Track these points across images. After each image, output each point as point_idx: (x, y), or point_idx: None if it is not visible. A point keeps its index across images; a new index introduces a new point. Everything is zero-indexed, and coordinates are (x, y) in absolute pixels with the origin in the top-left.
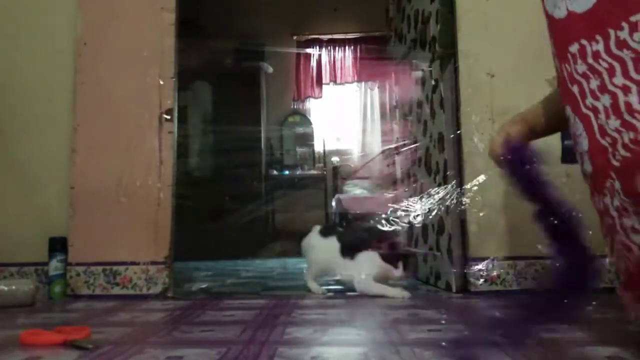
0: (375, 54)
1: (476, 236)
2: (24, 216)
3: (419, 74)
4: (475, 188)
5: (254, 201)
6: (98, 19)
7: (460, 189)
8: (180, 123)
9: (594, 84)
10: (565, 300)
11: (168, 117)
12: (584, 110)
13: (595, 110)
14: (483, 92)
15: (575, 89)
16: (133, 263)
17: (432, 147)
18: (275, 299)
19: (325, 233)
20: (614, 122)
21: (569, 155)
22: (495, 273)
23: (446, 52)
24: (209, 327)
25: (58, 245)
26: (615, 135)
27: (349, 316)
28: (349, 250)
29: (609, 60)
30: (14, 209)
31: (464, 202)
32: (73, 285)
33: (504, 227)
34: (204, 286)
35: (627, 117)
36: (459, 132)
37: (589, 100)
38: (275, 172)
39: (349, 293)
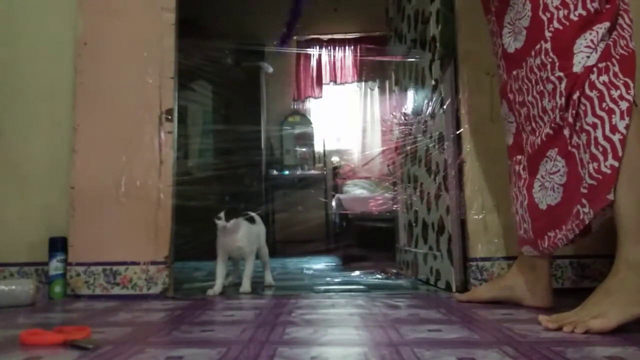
0: (375, 54)
1: (476, 236)
2: (24, 216)
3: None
4: (475, 188)
5: (254, 201)
6: (98, 19)
7: (460, 189)
8: (180, 123)
9: None
10: None
11: (168, 117)
12: None
13: None
14: (483, 92)
15: None
16: (133, 263)
17: (432, 147)
18: (275, 299)
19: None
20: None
21: None
22: (495, 273)
23: (446, 52)
24: (209, 327)
25: (58, 245)
26: (554, 11)
27: (349, 316)
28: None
29: None
30: (14, 209)
31: (464, 202)
32: (73, 285)
33: (504, 227)
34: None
35: None
36: (459, 132)
37: None
38: (275, 172)
39: (352, 292)
